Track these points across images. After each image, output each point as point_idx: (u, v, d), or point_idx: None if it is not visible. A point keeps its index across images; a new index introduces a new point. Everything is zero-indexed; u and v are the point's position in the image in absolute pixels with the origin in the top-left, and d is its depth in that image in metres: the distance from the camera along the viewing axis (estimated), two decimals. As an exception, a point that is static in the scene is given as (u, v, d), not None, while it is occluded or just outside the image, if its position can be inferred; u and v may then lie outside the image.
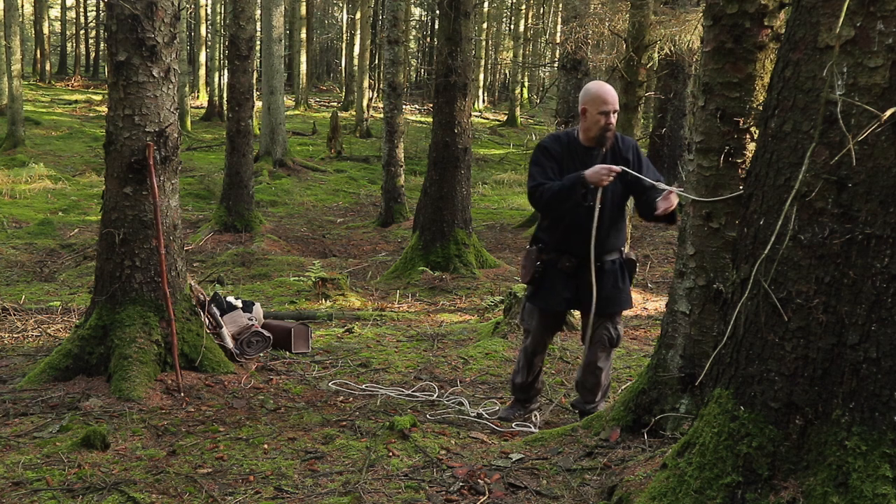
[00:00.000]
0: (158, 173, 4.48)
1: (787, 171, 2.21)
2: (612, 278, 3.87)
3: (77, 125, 22.79)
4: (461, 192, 8.93)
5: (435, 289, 8.23)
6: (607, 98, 3.76)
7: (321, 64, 45.96)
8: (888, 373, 2.06)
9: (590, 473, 3.05)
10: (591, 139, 3.83)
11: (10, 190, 13.92)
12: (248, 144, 11.44)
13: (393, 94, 12.95)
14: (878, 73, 2.02)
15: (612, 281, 3.87)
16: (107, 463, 3.36)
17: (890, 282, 2.04)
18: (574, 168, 3.76)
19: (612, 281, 3.87)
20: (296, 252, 10.95)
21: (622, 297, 3.92)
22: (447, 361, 5.33)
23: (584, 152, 3.85)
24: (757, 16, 2.94)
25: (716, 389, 2.39)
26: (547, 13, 32.93)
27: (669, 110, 12.56)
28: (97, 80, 36.39)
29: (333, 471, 3.29)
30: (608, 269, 3.86)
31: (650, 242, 11.35)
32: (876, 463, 2.05)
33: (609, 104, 3.75)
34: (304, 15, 31.23)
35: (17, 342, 5.56)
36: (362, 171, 19.56)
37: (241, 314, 5.26)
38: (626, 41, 7.84)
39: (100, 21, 36.16)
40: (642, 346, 5.95)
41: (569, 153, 3.86)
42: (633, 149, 3.91)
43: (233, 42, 11.26)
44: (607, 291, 3.85)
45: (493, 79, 40.27)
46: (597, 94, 3.77)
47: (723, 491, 2.25)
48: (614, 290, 3.88)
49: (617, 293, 3.89)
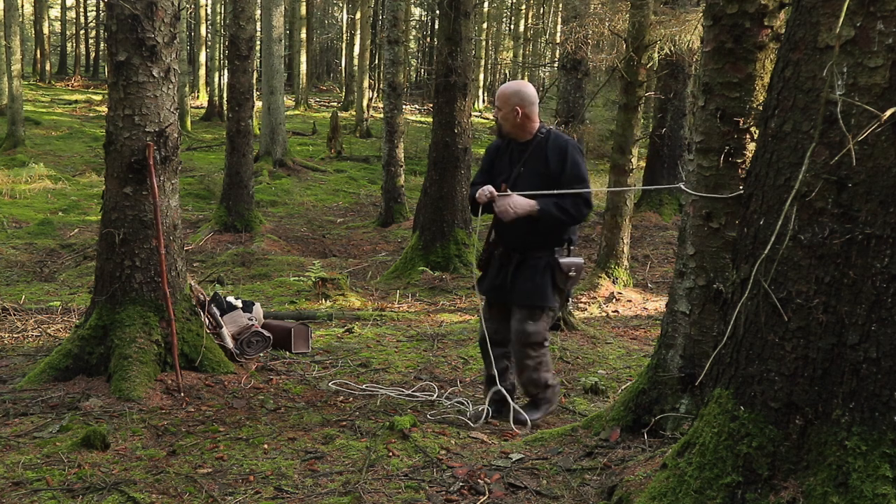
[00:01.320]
0: (158, 173, 4.48)
1: (787, 171, 2.21)
2: (529, 273, 4.00)
3: (77, 125, 22.80)
4: (461, 192, 8.93)
5: (435, 289, 8.23)
6: (497, 96, 4.09)
7: (321, 64, 45.96)
8: (888, 373, 2.06)
9: (590, 473, 3.05)
10: (508, 134, 4.11)
11: (10, 190, 13.92)
12: (248, 144, 11.45)
13: (393, 94, 12.95)
14: (878, 73, 2.02)
15: (527, 275, 4.00)
16: (107, 463, 3.36)
17: (890, 282, 2.04)
18: (502, 163, 4.12)
19: (527, 275, 4.00)
20: (296, 252, 10.95)
21: (532, 292, 3.98)
22: (447, 361, 5.33)
23: (517, 147, 4.10)
24: (757, 16, 2.94)
25: (716, 389, 2.39)
26: (547, 13, 32.94)
27: (669, 110, 12.56)
28: (97, 80, 36.40)
29: (333, 471, 3.29)
30: (531, 263, 4.00)
31: (650, 242, 11.35)
32: (876, 463, 2.05)
33: (496, 101, 4.10)
34: (304, 15, 31.23)
35: (17, 342, 5.56)
36: (362, 171, 19.57)
37: (241, 314, 5.26)
38: (626, 41, 7.84)
39: (100, 21, 36.16)
40: (642, 346, 5.95)
41: (506, 150, 4.15)
42: (560, 150, 3.98)
43: (233, 42, 11.26)
44: (520, 284, 4.00)
45: (493, 79, 40.24)
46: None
47: (723, 491, 2.25)
48: (526, 284, 4.00)
49: (528, 287, 3.99)
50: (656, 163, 13.00)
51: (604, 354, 5.61)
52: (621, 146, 7.77)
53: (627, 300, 7.81)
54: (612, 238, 7.90)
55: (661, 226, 12.51)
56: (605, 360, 5.45)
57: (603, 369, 5.24)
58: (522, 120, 4.03)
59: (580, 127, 12.60)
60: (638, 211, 12.34)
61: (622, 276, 7.98)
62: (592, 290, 7.87)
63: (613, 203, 7.88)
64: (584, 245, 11.26)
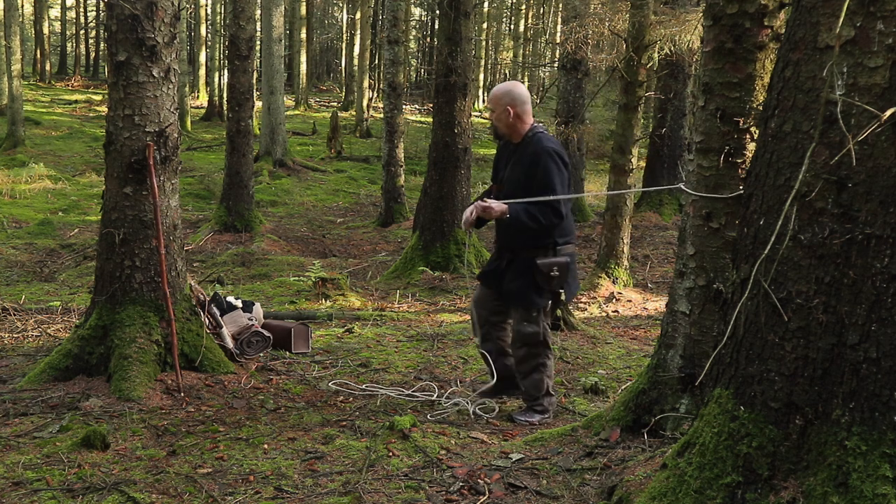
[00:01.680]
0: (158, 173, 4.48)
1: (787, 171, 2.21)
2: (512, 274, 4.09)
3: (77, 125, 22.80)
4: (461, 192, 8.93)
5: (435, 289, 8.23)
6: (489, 98, 4.18)
7: (321, 64, 45.95)
8: (888, 373, 2.06)
9: (590, 473, 3.05)
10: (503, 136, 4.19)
11: (10, 190, 13.92)
12: (248, 144, 11.45)
13: (393, 94, 12.95)
14: (878, 73, 2.02)
15: (511, 276, 4.09)
16: (107, 463, 3.36)
17: (890, 282, 2.04)
18: (500, 163, 4.25)
19: (511, 276, 4.09)
20: (296, 252, 10.95)
21: (516, 293, 4.07)
22: (447, 361, 5.33)
23: (512, 149, 4.18)
24: (757, 16, 2.94)
25: (716, 389, 2.39)
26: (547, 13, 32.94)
27: (669, 110, 12.56)
28: (97, 80, 36.39)
29: (333, 471, 3.29)
30: (516, 265, 4.07)
31: (650, 242, 11.35)
32: (876, 463, 2.05)
33: (489, 103, 4.18)
34: (304, 15, 31.23)
35: (17, 342, 5.56)
36: (362, 171, 19.57)
37: (241, 314, 5.26)
38: (626, 41, 7.84)
39: (100, 21, 36.16)
40: (642, 346, 5.95)
41: (503, 151, 4.27)
42: (535, 155, 4.01)
43: (233, 42, 11.26)
44: (506, 284, 4.13)
45: (493, 79, 40.22)
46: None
47: (723, 491, 2.25)
48: (511, 285, 4.10)
49: (512, 288, 4.08)
50: (656, 163, 13.00)
51: (604, 354, 5.61)
52: (621, 146, 7.77)
53: (627, 300, 7.81)
54: (612, 238, 7.90)
55: (661, 226, 12.52)
56: (605, 360, 5.45)
57: (603, 369, 5.23)
58: (514, 120, 4.05)
59: (580, 127, 12.61)
60: (638, 211, 12.35)
61: (622, 276, 7.99)
62: (592, 290, 7.87)
63: (613, 203, 7.88)
64: (585, 245, 11.26)
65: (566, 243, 4.09)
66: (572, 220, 4.16)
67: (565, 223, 4.02)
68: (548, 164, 3.93)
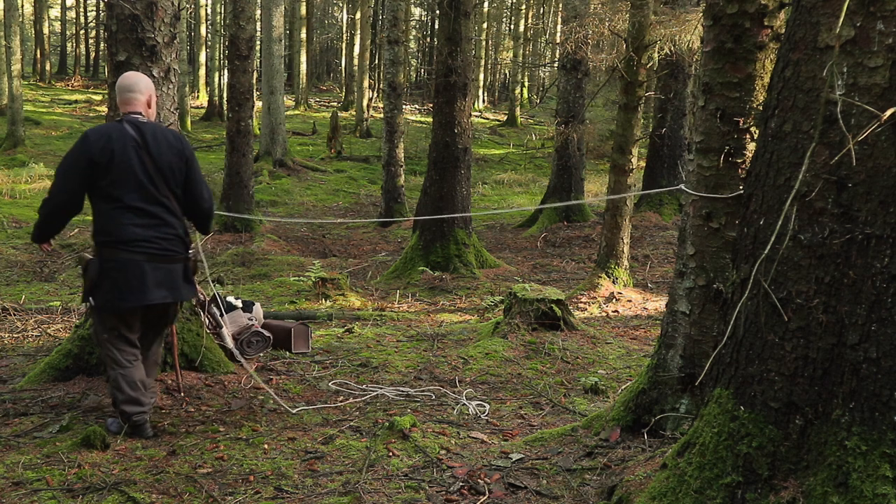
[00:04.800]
0: (158, 173, 4.47)
1: (787, 171, 2.21)
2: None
3: (77, 125, 22.79)
4: (461, 192, 8.93)
5: (435, 289, 8.23)
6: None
7: (321, 64, 45.95)
8: (888, 373, 2.06)
9: (590, 473, 3.05)
10: None
11: (10, 190, 13.92)
12: (248, 144, 11.45)
13: (393, 94, 12.96)
14: (878, 73, 2.02)
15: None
16: (107, 463, 3.36)
17: (890, 282, 2.04)
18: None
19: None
20: (296, 252, 10.95)
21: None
22: (447, 361, 5.33)
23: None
24: (757, 16, 2.94)
25: (716, 389, 2.39)
26: (547, 13, 32.95)
27: (669, 110, 12.56)
28: (97, 80, 36.39)
29: (333, 471, 3.29)
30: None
31: (650, 242, 11.35)
32: (876, 463, 2.05)
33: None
34: (304, 15, 31.23)
35: (17, 342, 5.56)
36: (362, 171, 19.58)
37: (241, 314, 5.26)
38: (626, 41, 7.83)
39: (100, 21, 36.15)
40: (642, 346, 5.95)
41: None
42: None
43: (233, 42, 11.27)
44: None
45: (493, 79, 40.25)
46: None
47: (723, 491, 2.25)
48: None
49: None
50: (656, 163, 13.00)
51: (604, 354, 5.60)
52: (621, 146, 7.77)
53: (627, 300, 7.81)
54: (612, 238, 7.90)
55: (661, 226, 12.51)
56: (605, 360, 5.45)
57: (603, 369, 5.23)
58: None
59: (580, 127, 12.61)
60: (638, 211, 12.34)
61: (622, 276, 7.98)
62: (592, 290, 7.87)
63: (613, 203, 7.88)
64: (585, 245, 11.26)
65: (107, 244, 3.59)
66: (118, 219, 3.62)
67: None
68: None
